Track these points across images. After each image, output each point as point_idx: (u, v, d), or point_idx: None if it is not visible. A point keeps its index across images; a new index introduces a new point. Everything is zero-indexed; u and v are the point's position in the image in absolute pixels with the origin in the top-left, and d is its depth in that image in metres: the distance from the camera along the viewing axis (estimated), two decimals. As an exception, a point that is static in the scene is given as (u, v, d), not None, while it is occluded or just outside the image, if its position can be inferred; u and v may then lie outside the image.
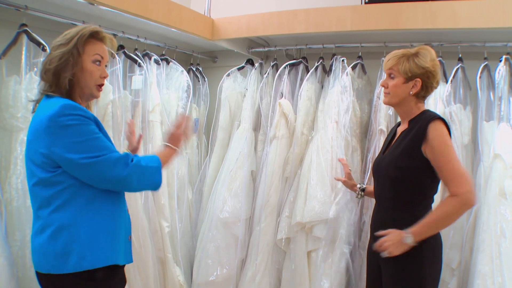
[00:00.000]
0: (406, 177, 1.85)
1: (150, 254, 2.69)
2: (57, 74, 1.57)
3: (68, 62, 1.57)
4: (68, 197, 1.54)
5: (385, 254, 1.83)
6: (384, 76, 2.75)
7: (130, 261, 1.73)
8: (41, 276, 1.59)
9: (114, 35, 2.62)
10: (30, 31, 2.28)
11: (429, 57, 1.89)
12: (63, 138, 1.50)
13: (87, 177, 1.55)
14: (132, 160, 1.60)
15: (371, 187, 2.22)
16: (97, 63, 1.64)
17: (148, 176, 1.64)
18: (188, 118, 1.88)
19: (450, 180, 1.79)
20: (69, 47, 1.58)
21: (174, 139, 1.81)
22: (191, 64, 3.58)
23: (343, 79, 2.84)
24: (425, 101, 2.01)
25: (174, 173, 2.99)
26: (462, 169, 1.80)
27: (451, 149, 1.81)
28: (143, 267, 2.65)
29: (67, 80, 1.57)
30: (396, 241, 1.80)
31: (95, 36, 1.64)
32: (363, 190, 2.34)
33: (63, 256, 1.52)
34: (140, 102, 2.82)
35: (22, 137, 2.23)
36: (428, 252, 1.82)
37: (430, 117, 1.85)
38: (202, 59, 3.68)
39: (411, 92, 1.90)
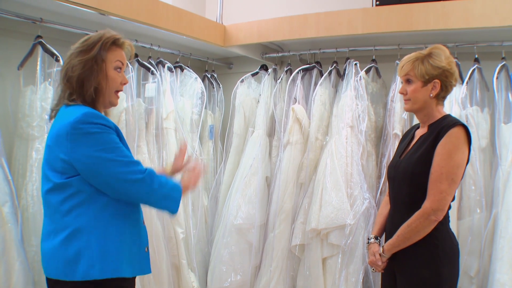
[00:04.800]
0: (423, 183, 1.79)
1: (165, 260, 2.71)
2: (81, 81, 1.55)
3: (92, 70, 1.55)
4: (81, 202, 1.52)
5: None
6: (397, 82, 2.74)
7: (146, 272, 1.68)
8: (50, 282, 1.57)
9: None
10: (44, 42, 2.36)
11: (443, 56, 1.82)
12: (84, 145, 1.48)
13: (104, 183, 1.52)
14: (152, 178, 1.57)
15: (381, 227, 2.06)
16: (118, 69, 1.63)
17: (166, 201, 1.63)
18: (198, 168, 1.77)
19: (429, 188, 1.76)
20: (93, 54, 1.55)
21: (190, 182, 1.72)
22: (206, 70, 3.60)
23: (355, 83, 2.80)
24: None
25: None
26: (445, 184, 1.72)
27: (454, 155, 1.74)
28: (158, 273, 2.67)
29: (92, 89, 1.56)
30: (375, 259, 1.93)
31: (116, 42, 1.62)
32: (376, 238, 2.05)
33: (73, 263, 1.49)
34: (154, 110, 2.86)
35: (37, 146, 2.30)
36: (444, 259, 1.77)
37: (451, 122, 1.78)
38: (217, 66, 3.70)
39: (431, 95, 1.83)
